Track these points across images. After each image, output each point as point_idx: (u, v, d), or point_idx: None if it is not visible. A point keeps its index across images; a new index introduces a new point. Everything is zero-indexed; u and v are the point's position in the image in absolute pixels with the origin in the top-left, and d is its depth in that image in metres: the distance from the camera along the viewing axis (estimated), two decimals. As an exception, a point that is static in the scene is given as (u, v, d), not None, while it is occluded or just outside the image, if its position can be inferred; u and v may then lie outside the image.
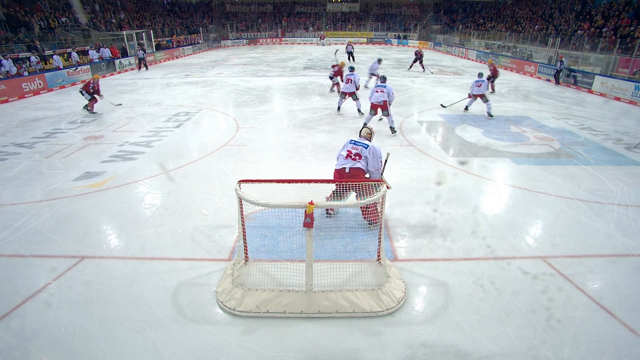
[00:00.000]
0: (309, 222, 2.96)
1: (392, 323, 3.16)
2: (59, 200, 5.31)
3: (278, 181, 3.59)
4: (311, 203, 2.96)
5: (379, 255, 3.72)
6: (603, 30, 18.92)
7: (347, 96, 9.88)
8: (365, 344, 2.96)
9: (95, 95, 10.60)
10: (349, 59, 21.35)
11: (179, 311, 3.26)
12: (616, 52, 15.18)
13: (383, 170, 4.70)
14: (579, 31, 20.47)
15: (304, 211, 2.98)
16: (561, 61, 15.81)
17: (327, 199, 4.56)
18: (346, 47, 22.44)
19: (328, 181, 4.25)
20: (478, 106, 11.45)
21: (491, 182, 6.05)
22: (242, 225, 3.52)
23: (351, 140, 4.66)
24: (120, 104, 11.67)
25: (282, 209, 4.41)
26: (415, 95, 13.10)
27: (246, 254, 3.73)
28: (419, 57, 18.84)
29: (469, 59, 25.93)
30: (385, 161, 4.70)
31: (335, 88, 12.95)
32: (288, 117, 9.94)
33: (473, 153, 7.32)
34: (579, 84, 15.02)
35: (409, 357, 2.84)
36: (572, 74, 15.52)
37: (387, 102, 8.04)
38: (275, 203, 3.34)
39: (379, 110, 8.19)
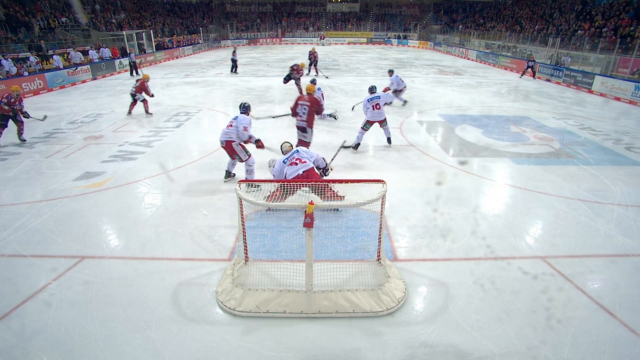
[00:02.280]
0: (309, 222, 2.96)
1: (392, 323, 3.16)
2: (59, 200, 5.30)
3: (278, 181, 3.59)
4: (311, 203, 2.96)
5: (379, 255, 3.72)
6: (603, 30, 18.91)
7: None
8: (365, 344, 2.96)
9: (19, 116, 7.72)
10: (233, 70, 17.90)
11: (179, 311, 3.26)
12: (616, 52, 15.18)
13: (333, 158, 5.98)
14: (579, 31, 20.46)
15: (304, 211, 2.98)
16: (533, 60, 17.41)
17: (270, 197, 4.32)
18: (233, 53, 18.24)
19: (327, 181, 4.25)
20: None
21: (491, 182, 6.05)
22: (242, 225, 3.51)
23: (284, 160, 4.64)
24: (46, 117, 8.97)
25: (282, 209, 4.42)
26: (415, 95, 13.09)
27: (246, 254, 3.73)
28: (313, 60, 16.04)
29: (469, 59, 25.93)
30: (341, 147, 6.08)
31: (144, 107, 10.10)
32: (288, 117, 9.91)
33: (473, 153, 7.32)
34: (578, 84, 15.04)
35: (409, 357, 2.84)
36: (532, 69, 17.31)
37: (233, 145, 5.30)
38: (275, 203, 3.34)
39: (231, 154, 5.52)
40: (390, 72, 11.23)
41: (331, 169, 5.36)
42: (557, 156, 7.19)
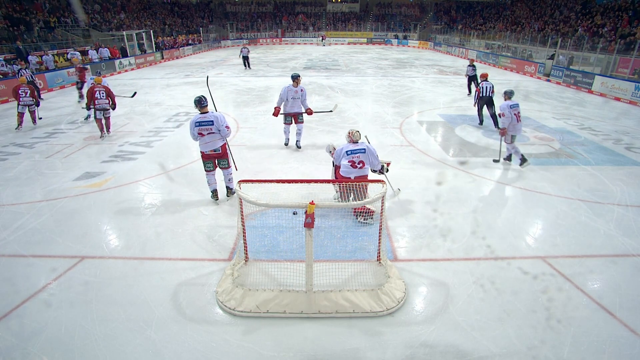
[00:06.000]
0: (309, 222, 2.96)
1: (392, 323, 3.16)
2: (59, 200, 5.30)
3: (278, 181, 3.58)
4: (312, 203, 2.96)
5: (379, 255, 3.72)
6: (603, 30, 18.92)
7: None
8: (365, 344, 2.96)
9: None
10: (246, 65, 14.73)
11: (179, 311, 3.26)
12: (616, 52, 15.18)
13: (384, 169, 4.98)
14: (579, 31, 20.46)
15: (304, 211, 2.98)
16: (472, 65, 12.15)
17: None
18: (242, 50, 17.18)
19: (328, 181, 4.27)
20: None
21: (491, 182, 6.05)
22: (242, 225, 3.52)
23: (347, 151, 4.63)
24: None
25: (283, 209, 4.42)
26: (415, 95, 13.10)
27: (246, 254, 3.73)
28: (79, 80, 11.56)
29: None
30: (387, 170, 4.98)
31: None
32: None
33: (473, 153, 7.32)
34: (578, 84, 15.04)
35: (409, 357, 2.84)
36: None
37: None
38: (276, 203, 3.34)
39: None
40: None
41: (388, 164, 5.12)
42: (557, 156, 7.18)
